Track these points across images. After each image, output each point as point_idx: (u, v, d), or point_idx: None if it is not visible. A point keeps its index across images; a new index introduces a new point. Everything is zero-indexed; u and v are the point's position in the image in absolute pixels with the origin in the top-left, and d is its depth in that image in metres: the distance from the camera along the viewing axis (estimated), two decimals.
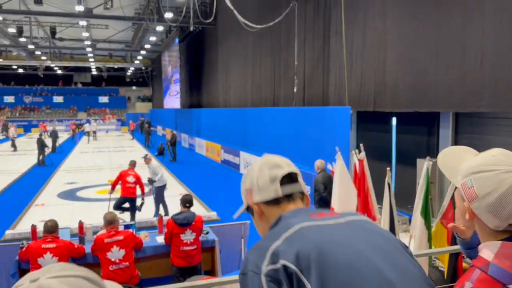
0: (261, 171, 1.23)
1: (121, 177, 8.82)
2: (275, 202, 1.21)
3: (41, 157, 18.07)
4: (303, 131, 11.81)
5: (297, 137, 12.23)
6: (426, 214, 4.58)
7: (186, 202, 5.59)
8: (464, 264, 4.49)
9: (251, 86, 17.74)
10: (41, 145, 18.08)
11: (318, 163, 7.86)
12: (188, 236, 5.35)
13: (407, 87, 8.44)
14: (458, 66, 7.22)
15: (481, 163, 1.04)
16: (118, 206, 8.76)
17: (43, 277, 0.68)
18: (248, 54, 17.79)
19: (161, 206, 9.34)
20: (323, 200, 7.39)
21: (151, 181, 9.25)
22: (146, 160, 9.71)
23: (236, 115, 18.03)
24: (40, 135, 19.52)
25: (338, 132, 9.78)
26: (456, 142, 8.16)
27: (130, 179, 8.79)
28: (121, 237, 5.09)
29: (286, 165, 1.24)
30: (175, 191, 12.35)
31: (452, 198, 4.25)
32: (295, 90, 12.94)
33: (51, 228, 5.01)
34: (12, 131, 26.70)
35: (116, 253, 4.99)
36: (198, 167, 18.39)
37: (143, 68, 47.31)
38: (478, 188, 1.02)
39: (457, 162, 1.14)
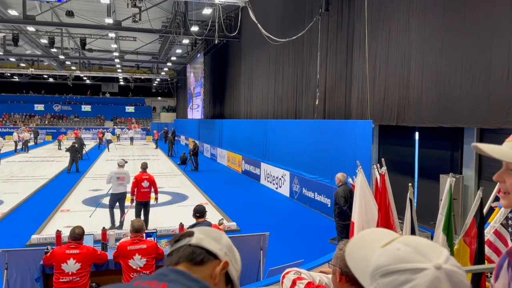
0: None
1: (137, 182, 9.15)
2: None
3: (74, 163, 18.64)
4: (324, 143, 11.78)
5: (318, 150, 12.20)
6: (449, 231, 4.49)
7: (196, 212, 5.65)
8: (487, 284, 4.38)
9: (273, 98, 17.83)
10: (75, 151, 18.70)
11: (340, 176, 7.83)
12: None
13: (432, 101, 8.34)
14: (484, 81, 7.11)
15: (386, 262, 0.85)
16: (138, 214, 9.17)
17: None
18: (271, 66, 17.92)
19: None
20: (343, 213, 7.35)
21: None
22: (123, 165, 9.86)
23: (257, 127, 18.13)
24: (74, 143, 20.13)
25: (360, 145, 9.72)
26: (480, 157, 7.99)
27: (145, 184, 9.17)
28: (144, 246, 5.17)
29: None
30: (196, 201, 12.45)
31: (476, 215, 4.17)
32: (317, 102, 12.95)
33: (78, 236, 5.13)
34: (26, 135, 28.58)
35: (138, 261, 5.07)
36: (219, 177, 18.51)
37: (169, 79, 48.14)
38: None
39: (364, 256, 0.96)
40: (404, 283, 0.80)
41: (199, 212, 5.64)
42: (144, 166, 9.67)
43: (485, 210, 4.32)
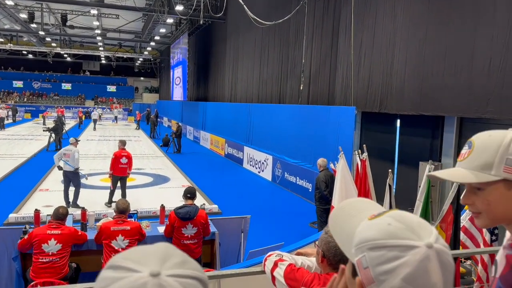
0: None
1: (116, 159, 9.54)
2: None
3: (56, 139, 18.35)
4: (307, 129, 11.84)
5: (301, 135, 12.26)
6: (426, 217, 4.60)
7: (188, 193, 5.63)
8: (461, 269, 4.52)
9: (257, 81, 17.76)
10: (57, 129, 18.41)
11: (321, 161, 7.91)
12: (189, 230, 5.41)
13: (414, 89, 8.43)
14: (466, 70, 7.20)
15: (376, 236, 0.82)
16: (114, 185, 9.65)
17: (164, 271, 0.61)
18: (256, 49, 17.79)
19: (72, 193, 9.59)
20: (324, 198, 7.44)
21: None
22: (74, 143, 9.87)
23: (241, 110, 18.08)
24: (56, 121, 19.82)
25: (342, 131, 9.80)
26: (459, 146, 8.15)
27: (123, 160, 9.56)
28: (128, 227, 5.15)
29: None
30: (178, 183, 12.44)
31: (453, 202, 4.28)
32: (301, 87, 12.95)
33: (61, 216, 5.07)
34: (1, 112, 28.15)
35: (120, 242, 5.06)
36: (202, 160, 18.47)
37: (152, 59, 47.40)
38: (374, 271, 0.80)
39: (349, 226, 0.92)
40: (393, 259, 0.78)
41: (191, 194, 5.63)
42: (123, 143, 9.99)
43: (461, 198, 4.42)
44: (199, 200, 9.41)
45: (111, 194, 9.70)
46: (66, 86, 50.33)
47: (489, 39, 6.77)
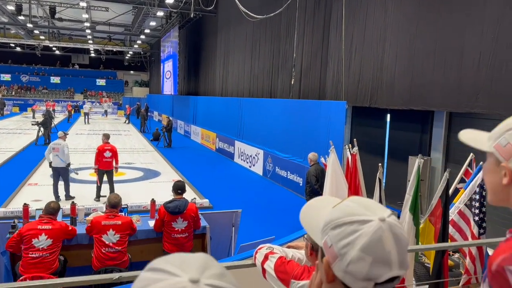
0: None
1: (99, 153, 9.53)
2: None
3: (45, 133, 18.15)
4: (298, 123, 11.86)
5: (292, 129, 12.27)
6: (415, 210, 4.64)
7: (178, 188, 5.61)
8: (450, 262, 4.58)
9: (249, 76, 17.71)
10: (46, 123, 18.23)
11: (311, 155, 7.93)
12: (179, 224, 5.40)
13: (404, 84, 8.48)
14: (455, 66, 7.26)
15: (336, 216, 0.91)
16: (100, 179, 9.67)
17: (203, 279, 0.61)
18: (247, 43, 17.73)
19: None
20: (314, 192, 7.47)
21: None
22: (63, 137, 9.84)
23: (232, 105, 18.04)
24: (45, 115, 19.60)
25: (333, 126, 9.83)
26: (448, 140, 8.23)
27: (107, 154, 9.53)
28: (119, 222, 5.13)
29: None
30: (169, 177, 12.40)
31: (442, 196, 4.32)
32: (292, 82, 12.95)
33: (53, 210, 5.04)
34: None
35: (111, 237, 5.04)
36: (193, 154, 18.42)
37: (142, 52, 46.97)
38: (337, 247, 0.88)
39: (316, 216, 1.07)
40: (352, 232, 0.87)
41: (181, 189, 5.62)
42: (107, 137, 9.97)
43: (450, 191, 4.48)
44: (190, 195, 9.39)
45: (98, 188, 9.69)
46: (55, 79, 49.70)
47: (478, 35, 6.82)
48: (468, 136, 1.23)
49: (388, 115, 9.83)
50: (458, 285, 4.36)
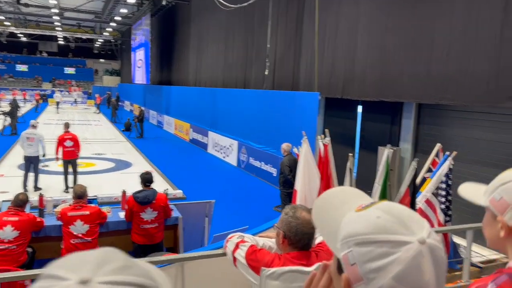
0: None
1: (60, 142, 9.40)
2: None
3: (13, 122, 17.59)
4: (272, 114, 11.90)
5: (266, 120, 12.31)
6: (384, 199, 4.76)
7: (146, 181, 5.53)
8: None
9: (222, 66, 17.60)
10: (12, 112, 17.68)
11: (285, 146, 7.99)
12: (148, 215, 5.33)
13: (375, 76, 8.63)
14: (425, 58, 7.42)
15: (364, 230, 0.75)
16: (66, 170, 9.56)
17: (96, 278, 0.55)
18: (221, 33, 17.58)
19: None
20: (288, 182, 7.54)
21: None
22: (36, 126, 9.78)
23: (206, 95, 17.91)
24: (11, 104, 18.95)
25: (306, 117, 9.92)
26: (417, 132, 8.44)
27: (68, 143, 9.39)
28: (87, 212, 5.05)
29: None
30: (141, 168, 12.23)
31: (409, 185, 4.44)
32: (266, 72, 12.95)
33: (21, 202, 4.92)
34: None
35: (79, 227, 4.95)
36: (166, 145, 18.23)
37: (112, 40, 45.90)
38: (362, 268, 0.73)
39: (333, 219, 0.84)
40: (383, 256, 0.72)
41: (149, 181, 5.53)
42: (67, 126, 9.88)
43: (418, 180, 4.61)
44: (163, 185, 9.32)
45: (65, 179, 9.58)
46: (22, 67, 48.05)
47: (447, 28, 6.99)
48: (467, 190, 1.29)
49: (360, 107, 9.98)
50: None
